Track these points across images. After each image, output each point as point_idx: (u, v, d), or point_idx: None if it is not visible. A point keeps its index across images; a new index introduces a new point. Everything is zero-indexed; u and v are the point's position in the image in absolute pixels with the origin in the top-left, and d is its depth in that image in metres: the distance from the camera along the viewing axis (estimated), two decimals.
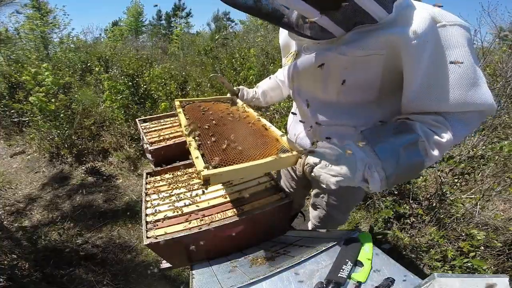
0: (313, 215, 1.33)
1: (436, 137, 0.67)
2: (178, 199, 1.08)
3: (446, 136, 0.67)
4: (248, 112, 1.10)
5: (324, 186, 0.66)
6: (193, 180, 1.20)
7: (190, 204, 1.05)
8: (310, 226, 1.37)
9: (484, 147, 2.14)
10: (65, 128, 3.00)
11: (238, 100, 1.23)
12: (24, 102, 3.16)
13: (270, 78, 1.28)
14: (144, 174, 1.27)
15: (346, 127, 0.87)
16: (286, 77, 1.02)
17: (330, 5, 0.63)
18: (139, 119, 1.73)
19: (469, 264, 1.52)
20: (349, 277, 0.67)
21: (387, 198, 2.13)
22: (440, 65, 0.66)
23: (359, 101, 0.82)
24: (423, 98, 0.68)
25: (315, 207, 1.28)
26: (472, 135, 2.29)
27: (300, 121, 1.04)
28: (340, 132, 0.88)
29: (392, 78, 0.73)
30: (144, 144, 1.43)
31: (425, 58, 0.64)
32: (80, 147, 3.11)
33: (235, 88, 1.25)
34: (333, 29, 0.69)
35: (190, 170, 1.27)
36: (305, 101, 0.95)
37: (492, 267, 1.62)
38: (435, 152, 0.68)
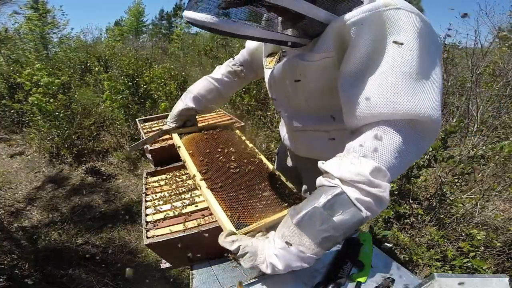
0: None
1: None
2: (178, 199, 1.08)
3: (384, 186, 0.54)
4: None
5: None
6: (192, 180, 1.19)
7: (190, 204, 1.05)
8: None
9: (484, 147, 2.14)
10: (65, 128, 3.01)
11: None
12: (24, 102, 3.17)
13: (202, 79, 1.11)
14: (144, 174, 1.27)
15: (319, 132, 0.86)
16: (266, 83, 0.95)
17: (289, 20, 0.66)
18: (139, 119, 1.73)
19: (469, 264, 1.52)
20: (349, 277, 0.67)
21: None
22: (376, 52, 0.57)
23: (326, 106, 0.79)
24: (348, 90, 0.61)
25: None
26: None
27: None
28: (314, 137, 0.88)
29: None
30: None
31: (360, 43, 0.58)
32: (80, 147, 3.11)
33: (158, 131, 1.07)
34: (298, 40, 0.69)
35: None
36: (281, 107, 0.95)
37: (492, 267, 1.62)
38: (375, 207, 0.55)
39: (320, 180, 0.60)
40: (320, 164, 0.61)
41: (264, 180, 0.86)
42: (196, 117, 1.10)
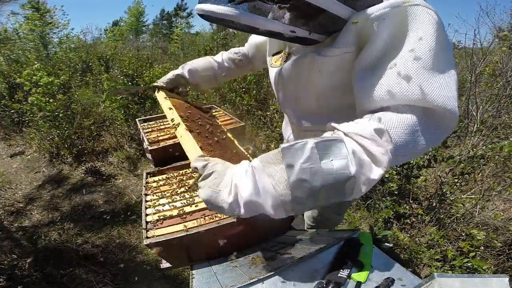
0: (307, 214, 1.32)
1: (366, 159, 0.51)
2: (178, 199, 1.09)
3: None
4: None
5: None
6: (192, 180, 1.20)
7: (190, 204, 1.05)
8: (306, 226, 1.36)
9: (484, 147, 2.14)
10: (65, 128, 3.00)
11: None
12: (24, 102, 3.16)
13: (204, 58, 1.14)
14: (144, 174, 1.27)
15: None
16: (272, 82, 0.95)
17: (303, 17, 0.65)
18: (139, 119, 1.73)
19: (469, 264, 1.52)
20: (349, 277, 0.67)
21: (387, 198, 2.13)
22: (394, 45, 0.58)
23: (338, 105, 0.80)
24: (364, 80, 0.61)
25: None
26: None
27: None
28: None
29: None
30: (144, 144, 1.43)
31: (379, 39, 0.59)
32: (80, 147, 3.11)
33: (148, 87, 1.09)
34: (317, 37, 0.69)
35: (189, 170, 1.27)
36: (288, 107, 0.95)
37: (492, 267, 1.62)
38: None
39: (324, 134, 0.57)
40: (329, 123, 0.60)
41: (235, 149, 0.92)
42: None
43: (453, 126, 0.57)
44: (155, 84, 1.05)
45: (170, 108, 0.88)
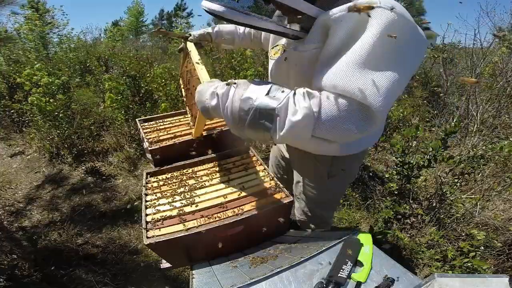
0: (296, 207, 1.35)
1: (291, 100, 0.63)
2: (178, 199, 1.08)
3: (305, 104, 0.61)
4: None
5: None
6: (193, 180, 1.20)
7: (190, 204, 1.05)
8: (297, 218, 1.37)
9: (484, 147, 2.14)
10: (65, 128, 3.00)
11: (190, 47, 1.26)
12: (24, 102, 3.16)
13: (231, 25, 1.37)
14: (144, 174, 1.27)
15: None
16: (269, 75, 1.07)
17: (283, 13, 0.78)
18: (139, 119, 1.72)
19: (469, 264, 1.52)
20: (349, 277, 0.67)
21: (387, 198, 2.13)
22: (348, 42, 0.64)
23: None
24: (320, 69, 0.69)
25: (296, 198, 1.30)
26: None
27: None
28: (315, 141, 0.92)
29: None
30: (144, 144, 1.42)
31: (336, 36, 0.66)
32: (80, 147, 3.11)
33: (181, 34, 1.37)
34: (296, 33, 0.78)
35: (190, 170, 1.28)
36: None
37: (492, 267, 1.62)
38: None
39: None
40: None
41: None
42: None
43: (376, 122, 0.62)
44: (186, 35, 1.32)
45: (198, 58, 1.10)
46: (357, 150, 1.03)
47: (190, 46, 1.24)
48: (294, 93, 0.64)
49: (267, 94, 0.64)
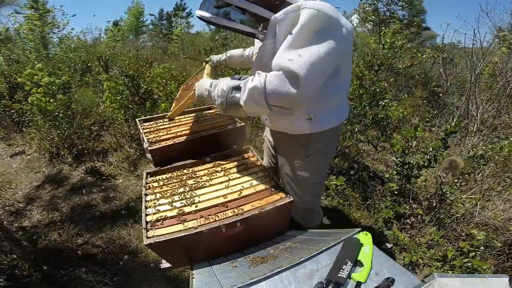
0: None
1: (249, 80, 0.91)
2: (178, 199, 1.09)
3: (255, 81, 0.88)
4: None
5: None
6: (193, 180, 1.20)
7: (190, 204, 1.05)
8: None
9: (484, 147, 2.14)
10: (65, 128, 3.00)
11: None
12: (24, 102, 3.16)
13: (239, 49, 1.66)
14: (144, 174, 1.27)
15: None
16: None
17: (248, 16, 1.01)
18: (139, 119, 1.73)
19: (469, 264, 1.52)
20: (349, 277, 0.67)
21: (387, 198, 2.13)
22: (286, 35, 0.89)
23: None
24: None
25: (283, 183, 1.35)
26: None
27: None
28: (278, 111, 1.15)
29: None
30: (144, 144, 1.43)
31: (281, 31, 0.92)
32: (80, 147, 3.10)
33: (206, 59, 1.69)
34: (260, 32, 1.02)
35: (190, 170, 1.28)
36: None
37: (492, 267, 1.62)
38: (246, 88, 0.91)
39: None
40: None
41: None
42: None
43: (309, 84, 0.83)
44: (207, 59, 1.67)
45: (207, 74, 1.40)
46: (325, 127, 1.15)
47: (207, 67, 1.55)
48: (253, 76, 0.90)
49: (239, 79, 0.94)
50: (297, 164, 1.24)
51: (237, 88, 0.91)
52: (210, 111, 1.77)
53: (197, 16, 0.98)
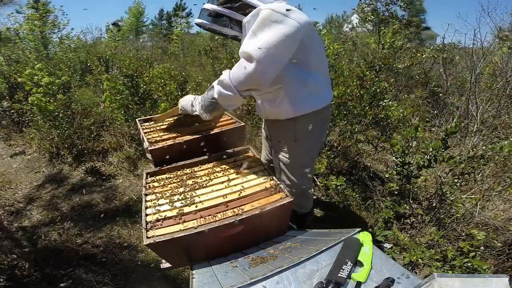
0: (277, 177, 1.42)
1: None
2: (178, 199, 1.08)
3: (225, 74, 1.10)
4: None
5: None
6: (193, 180, 1.20)
7: (190, 204, 1.05)
8: None
9: (484, 147, 2.14)
10: (65, 128, 3.00)
11: None
12: (24, 102, 3.15)
13: None
14: (144, 174, 1.27)
15: (265, 94, 1.27)
16: None
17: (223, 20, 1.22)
18: (139, 119, 1.73)
19: (469, 264, 1.52)
20: (349, 277, 0.67)
21: (387, 198, 2.13)
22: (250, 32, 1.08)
23: None
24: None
25: (275, 168, 1.48)
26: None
27: None
28: (264, 99, 1.32)
29: None
30: (144, 144, 1.43)
31: (248, 30, 1.10)
32: (80, 147, 3.10)
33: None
34: (240, 34, 1.22)
35: (189, 170, 1.28)
36: None
37: (492, 267, 1.62)
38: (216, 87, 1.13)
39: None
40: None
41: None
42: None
43: (265, 64, 1.02)
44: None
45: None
46: (308, 110, 1.25)
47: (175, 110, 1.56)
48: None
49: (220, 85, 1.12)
50: (287, 148, 1.34)
51: (211, 88, 1.15)
52: None
53: (196, 23, 1.24)
